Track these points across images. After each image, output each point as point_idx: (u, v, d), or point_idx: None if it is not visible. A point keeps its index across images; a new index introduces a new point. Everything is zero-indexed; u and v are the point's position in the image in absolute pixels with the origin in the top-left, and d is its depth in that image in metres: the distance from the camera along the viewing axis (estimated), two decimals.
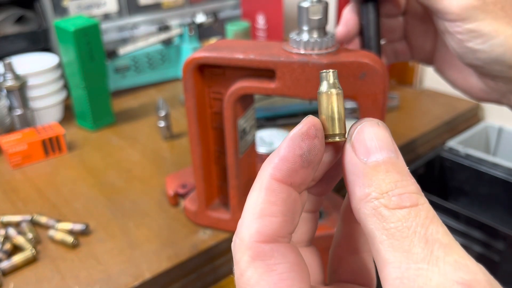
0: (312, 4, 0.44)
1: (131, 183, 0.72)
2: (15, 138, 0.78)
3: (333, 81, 0.21)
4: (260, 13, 1.21)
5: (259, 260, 0.19)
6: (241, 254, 0.19)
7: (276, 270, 0.18)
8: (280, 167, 0.20)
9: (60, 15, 1.01)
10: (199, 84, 0.53)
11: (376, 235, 0.18)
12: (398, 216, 0.17)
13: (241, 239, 0.19)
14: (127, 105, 1.00)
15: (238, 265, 0.19)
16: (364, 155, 0.19)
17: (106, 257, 0.57)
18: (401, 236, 0.17)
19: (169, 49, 1.09)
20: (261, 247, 0.19)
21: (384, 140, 0.19)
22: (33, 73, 0.85)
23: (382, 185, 0.18)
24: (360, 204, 0.18)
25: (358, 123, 0.20)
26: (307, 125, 0.20)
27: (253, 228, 0.19)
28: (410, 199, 0.18)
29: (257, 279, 0.18)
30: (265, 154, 0.75)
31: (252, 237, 0.19)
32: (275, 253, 0.19)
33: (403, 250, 0.17)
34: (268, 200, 0.19)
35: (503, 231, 0.70)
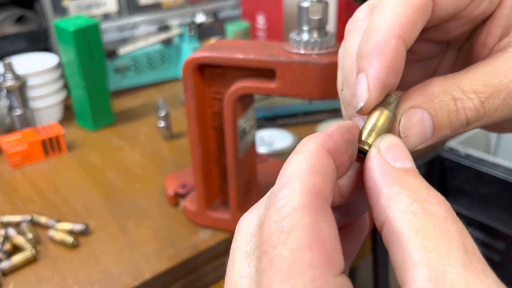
0: (312, 4, 0.44)
1: (131, 183, 0.72)
2: (15, 138, 0.78)
3: (394, 106, 0.22)
4: (260, 13, 1.21)
5: (310, 209, 0.17)
6: (289, 200, 0.17)
7: (324, 228, 0.16)
8: (329, 141, 0.19)
9: (60, 15, 1.01)
10: (199, 84, 0.53)
11: (405, 233, 0.16)
12: (435, 217, 0.16)
13: (290, 188, 0.17)
14: (127, 105, 1.00)
15: (279, 210, 0.17)
16: (393, 160, 0.19)
17: (106, 257, 0.57)
18: (437, 238, 0.16)
19: (169, 49, 1.09)
20: (315, 198, 0.17)
21: (407, 152, 0.20)
22: (33, 73, 0.85)
23: (414, 186, 0.17)
24: (389, 201, 0.17)
25: (382, 135, 0.20)
26: (352, 123, 0.20)
27: (308, 180, 0.17)
28: (445, 204, 0.17)
29: (302, 225, 0.16)
30: (265, 154, 0.75)
31: (307, 187, 0.17)
32: (326, 211, 0.17)
33: (439, 252, 0.15)
34: (320, 162, 0.18)
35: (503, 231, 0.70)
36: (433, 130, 0.22)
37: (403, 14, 0.21)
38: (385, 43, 0.21)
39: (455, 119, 0.22)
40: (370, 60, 0.21)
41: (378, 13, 0.22)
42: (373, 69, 0.21)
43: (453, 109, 0.22)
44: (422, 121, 0.22)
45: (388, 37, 0.21)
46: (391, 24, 0.21)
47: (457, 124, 0.22)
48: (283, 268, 0.16)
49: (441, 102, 0.22)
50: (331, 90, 0.46)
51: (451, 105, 0.22)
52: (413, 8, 0.21)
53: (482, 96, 0.22)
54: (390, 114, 0.22)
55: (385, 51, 0.21)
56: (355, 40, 0.24)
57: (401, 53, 0.21)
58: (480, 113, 0.22)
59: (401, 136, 0.22)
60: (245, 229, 0.20)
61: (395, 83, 0.21)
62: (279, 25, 1.18)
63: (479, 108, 0.22)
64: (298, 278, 0.15)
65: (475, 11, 0.23)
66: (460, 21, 0.24)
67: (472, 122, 0.22)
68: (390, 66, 0.21)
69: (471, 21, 0.24)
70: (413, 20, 0.21)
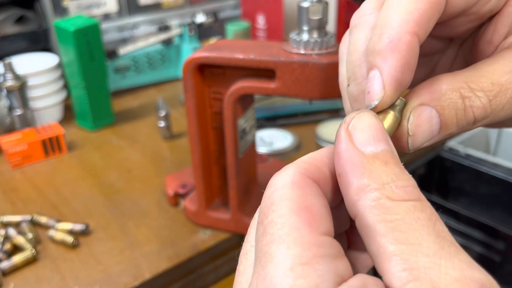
0: (312, 4, 0.44)
1: (131, 183, 0.72)
2: (15, 138, 0.78)
3: (399, 108, 0.22)
4: (260, 13, 1.21)
5: (299, 185, 0.19)
6: (281, 178, 0.19)
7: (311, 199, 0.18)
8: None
9: (60, 15, 1.01)
10: (199, 84, 0.53)
11: (377, 227, 0.17)
12: (403, 209, 0.17)
13: (285, 170, 0.19)
14: (127, 105, 1.00)
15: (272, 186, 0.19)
16: (362, 145, 0.18)
17: (106, 257, 0.57)
18: (408, 229, 0.16)
19: (169, 49, 1.09)
20: (305, 178, 0.19)
21: (381, 132, 0.19)
22: (33, 73, 0.85)
23: (383, 176, 0.17)
24: (359, 195, 0.18)
25: (355, 112, 0.19)
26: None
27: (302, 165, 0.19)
28: (413, 192, 0.17)
29: (290, 196, 0.18)
30: (265, 154, 0.75)
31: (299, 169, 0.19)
32: (314, 188, 0.19)
33: (410, 242, 0.16)
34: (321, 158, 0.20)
35: (503, 231, 0.70)
36: (439, 127, 0.22)
37: (417, 9, 0.20)
38: (400, 40, 0.20)
39: (462, 117, 0.22)
40: (384, 57, 0.20)
41: (390, 8, 0.21)
42: (388, 66, 0.20)
43: (461, 107, 0.22)
44: (430, 119, 0.22)
45: (402, 33, 0.20)
46: (405, 19, 0.20)
47: (464, 122, 0.22)
48: (274, 231, 0.17)
49: (449, 100, 0.22)
50: (331, 90, 0.46)
51: (459, 103, 0.22)
52: (428, 3, 0.21)
53: (489, 94, 0.22)
54: (396, 116, 0.22)
55: (400, 48, 0.20)
56: (362, 34, 0.24)
57: (416, 49, 0.20)
58: (487, 112, 0.22)
59: (409, 134, 0.22)
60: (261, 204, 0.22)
61: (409, 81, 0.21)
62: (279, 25, 1.18)
63: (486, 106, 0.22)
64: (286, 238, 0.17)
65: (483, 8, 0.23)
66: (468, 18, 0.24)
67: (479, 121, 0.22)
68: (405, 63, 0.20)
69: (479, 17, 0.24)
70: (428, 16, 0.21)
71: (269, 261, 0.17)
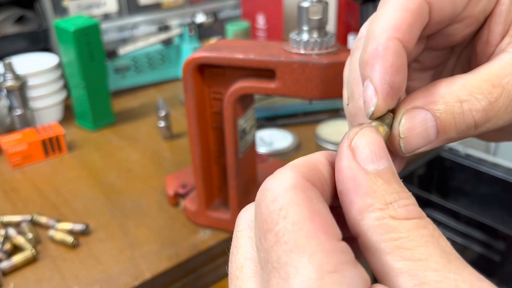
0: (312, 4, 0.44)
1: (131, 183, 0.72)
2: (15, 138, 0.78)
3: (388, 122, 0.21)
4: (260, 13, 1.21)
5: (301, 189, 0.17)
6: (279, 183, 0.18)
7: (317, 204, 0.17)
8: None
9: (60, 15, 1.01)
10: (199, 84, 0.53)
11: (381, 246, 0.17)
12: (407, 227, 0.17)
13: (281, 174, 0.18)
14: (127, 105, 1.00)
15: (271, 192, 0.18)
16: (365, 162, 0.18)
17: (106, 257, 0.57)
18: (413, 245, 0.16)
19: (169, 49, 1.09)
20: (305, 181, 0.18)
21: (382, 149, 0.19)
22: (33, 73, 0.85)
23: (385, 196, 0.18)
24: (362, 214, 0.18)
25: (357, 128, 0.19)
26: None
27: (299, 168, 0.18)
28: (415, 211, 0.17)
29: (296, 201, 0.17)
30: (265, 154, 0.75)
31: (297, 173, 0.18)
32: (315, 192, 0.18)
33: (417, 258, 0.16)
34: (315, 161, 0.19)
35: (503, 231, 0.70)
36: (437, 132, 0.21)
37: (397, 18, 0.21)
38: (383, 46, 0.21)
39: (461, 121, 0.21)
40: (371, 65, 0.21)
41: (373, 22, 0.22)
42: (376, 72, 0.21)
43: (459, 111, 0.21)
44: (425, 122, 0.21)
45: (385, 40, 0.21)
46: (386, 28, 0.21)
47: (463, 126, 0.21)
48: (290, 239, 0.16)
49: (446, 104, 0.21)
50: (331, 90, 0.46)
51: (457, 107, 0.21)
52: (408, 12, 0.21)
53: (490, 97, 0.21)
54: (385, 130, 0.21)
55: (384, 53, 0.21)
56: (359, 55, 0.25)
57: (401, 53, 0.21)
58: (489, 115, 0.21)
59: (400, 136, 0.22)
60: (245, 215, 0.20)
61: (401, 84, 0.21)
62: (279, 25, 1.18)
63: (487, 109, 0.21)
64: (306, 246, 0.16)
65: (475, 10, 0.23)
66: (463, 23, 0.24)
67: (481, 125, 0.22)
68: (392, 66, 0.20)
69: (474, 21, 0.24)
70: (409, 23, 0.21)
71: (292, 272, 0.16)
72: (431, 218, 0.18)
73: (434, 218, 0.78)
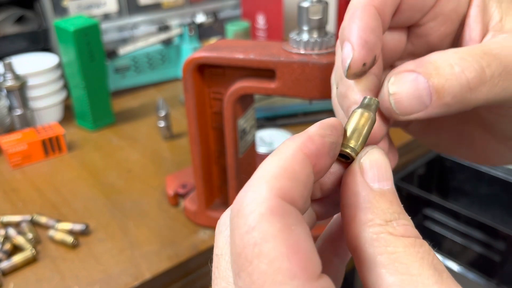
0: (312, 4, 0.44)
1: (131, 183, 0.72)
2: (15, 138, 0.78)
3: (373, 107, 0.22)
4: (260, 13, 1.21)
5: (278, 215, 0.16)
6: (255, 206, 0.16)
7: (295, 231, 0.16)
8: (310, 145, 0.18)
9: (60, 15, 1.01)
10: (199, 84, 0.53)
11: (378, 259, 0.17)
12: (404, 243, 0.17)
13: (255, 191, 0.16)
14: (127, 105, 1.00)
15: (247, 218, 0.16)
16: (372, 180, 0.19)
17: (106, 257, 0.57)
18: (408, 260, 0.17)
19: (169, 49, 1.09)
20: (283, 203, 0.16)
21: (389, 171, 0.19)
22: (33, 73, 0.85)
23: (387, 214, 0.18)
24: (362, 227, 0.18)
25: (367, 148, 0.20)
26: (336, 120, 0.20)
27: (275, 184, 0.17)
28: (412, 231, 0.18)
29: (273, 234, 0.15)
30: (265, 154, 0.75)
31: (273, 191, 0.16)
32: (293, 213, 0.16)
33: (411, 273, 0.17)
34: (293, 167, 0.17)
35: (503, 231, 0.70)
36: (430, 94, 0.21)
37: None
38: (359, 9, 0.22)
39: (454, 82, 0.21)
40: (349, 27, 0.22)
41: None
42: (353, 32, 0.22)
43: (451, 72, 0.21)
44: (416, 82, 0.21)
45: (361, 5, 0.23)
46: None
47: (457, 88, 0.21)
48: (265, 282, 0.15)
49: (436, 67, 0.21)
50: (331, 90, 0.46)
51: (448, 69, 0.21)
52: None
53: (482, 61, 0.21)
54: (371, 116, 0.21)
55: (359, 15, 0.22)
56: None
57: (376, 17, 0.22)
58: (483, 77, 0.21)
59: (390, 92, 0.22)
60: (225, 232, 0.20)
61: (376, 41, 0.22)
62: (279, 25, 1.18)
63: (480, 71, 0.21)
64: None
65: (446, 7, 0.24)
66: (436, 21, 0.25)
67: (475, 87, 0.21)
68: (366, 25, 0.22)
69: (447, 19, 0.25)
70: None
71: None
72: (431, 218, 0.18)
73: (434, 218, 0.78)
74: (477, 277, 0.67)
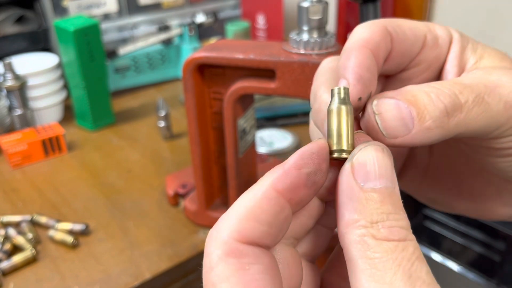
0: (312, 4, 0.44)
1: (131, 183, 0.72)
2: (15, 138, 0.78)
3: (344, 96, 0.21)
4: (260, 13, 1.21)
5: (232, 257, 0.18)
6: (215, 248, 0.18)
7: (249, 270, 0.18)
8: (284, 180, 0.19)
9: (60, 15, 1.01)
10: (199, 84, 0.53)
11: (358, 262, 0.17)
12: (384, 248, 0.17)
13: (218, 232, 0.19)
14: (127, 105, 1.00)
15: (209, 258, 0.18)
16: (362, 179, 0.19)
17: (106, 257, 0.57)
18: (384, 268, 0.17)
19: (169, 49, 1.09)
20: (237, 245, 0.18)
21: (385, 168, 0.19)
22: (33, 73, 0.85)
23: (374, 215, 0.18)
24: (347, 228, 0.18)
25: (363, 144, 0.20)
26: (318, 145, 0.20)
27: (234, 226, 0.18)
28: (399, 233, 0.18)
29: (228, 276, 0.18)
30: (265, 154, 0.75)
31: (231, 234, 0.18)
32: (250, 253, 0.18)
33: (384, 281, 0.17)
34: (260, 207, 0.19)
35: (503, 231, 0.70)
36: (412, 118, 0.21)
37: (367, 36, 0.24)
38: (352, 50, 0.23)
39: (432, 107, 0.21)
40: (344, 66, 0.23)
41: (346, 43, 0.25)
42: (348, 69, 0.22)
43: (428, 99, 0.22)
44: (398, 106, 0.22)
45: (354, 47, 0.23)
46: (357, 41, 0.24)
47: (437, 112, 0.21)
48: None
49: (413, 94, 0.22)
50: None
51: (425, 97, 0.22)
52: (374, 33, 0.24)
53: (455, 89, 0.22)
54: (348, 108, 0.21)
55: (355, 55, 0.23)
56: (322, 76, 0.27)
57: (371, 57, 0.23)
58: (457, 102, 0.22)
59: (376, 113, 0.22)
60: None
61: (371, 79, 0.22)
62: (279, 25, 1.18)
63: (453, 97, 0.22)
64: None
65: (431, 55, 0.26)
66: (419, 67, 0.26)
67: (452, 112, 0.22)
68: (361, 63, 0.22)
69: (429, 67, 0.26)
70: (375, 39, 0.24)
71: None
72: (431, 218, 0.18)
73: (434, 218, 0.78)
74: (477, 277, 0.67)
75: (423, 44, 0.26)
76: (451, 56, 0.26)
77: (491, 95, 0.22)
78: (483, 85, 0.22)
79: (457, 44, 0.26)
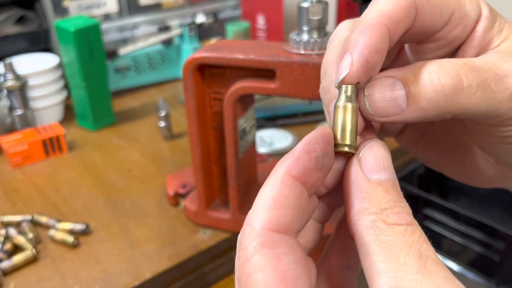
0: (312, 4, 0.44)
1: (131, 183, 0.73)
2: (16, 138, 0.78)
3: (350, 94, 0.22)
4: (260, 13, 1.21)
5: (267, 247, 0.19)
6: (250, 240, 0.19)
7: (283, 260, 0.19)
8: (296, 165, 0.20)
9: (61, 15, 1.01)
10: (199, 84, 0.53)
11: (371, 246, 0.19)
12: (396, 231, 0.19)
13: (251, 226, 0.19)
14: (127, 105, 1.00)
15: (245, 251, 0.19)
16: (369, 171, 0.21)
17: (106, 257, 0.58)
18: (397, 249, 0.18)
19: (169, 49, 1.09)
20: (271, 235, 0.19)
21: (388, 162, 0.21)
22: (33, 73, 0.85)
23: (382, 202, 0.20)
24: (358, 216, 0.20)
25: (367, 141, 0.22)
26: (322, 131, 0.21)
27: (265, 217, 0.19)
28: (406, 218, 0.19)
29: (263, 265, 0.18)
30: (265, 154, 0.75)
31: (264, 225, 0.19)
32: (284, 243, 0.19)
33: (398, 262, 0.18)
34: (283, 194, 0.20)
35: (503, 231, 0.70)
36: (406, 100, 0.22)
37: (390, 9, 0.23)
38: (370, 27, 0.22)
39: (429, 88, 0.22)
40: (355, 42, 0.22)
41: (366, 11, 0.24)
42: (357, 47, 0.22)
43: (427, 79, 0.22)
44: (392, 86, 0.22)
45: (372, 22, 0.22)
46: (379, 15, 0.22)
47: (433, 93, 0.22)
48: None
49: (415, 73, 0.22)
50: None
51: (425, 75, 0.22)
52: (400, 8, 0.23)
53: (461, 70, 0.22)
54: (353, 106, 0.22)
55: (369, 33, 0.22)
56: (335, 49, 0.26)
57: (384, 38, 0.22)
58: (459, 85, 0.22)
59: (365, 94, 0.22)
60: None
61: (376, 63, 0.22)
62: (279, 25, 1.18)
63: (455, 79, 0.22)
64: None
65: (451, 33, 0.25)
66: (437, 43, 0.25)
67: (451, 95, 0.22)
68: (372, 45, 0.22)
69: (447, 44, 0.25)
70: (398, 17, 0.22)
71: None
72: (431, 218, 0.19)
73: (434, 218, 0.78)
74: (477, 276, 0.67)
75: (447, 21, 0.24)
76: (474, 35, 0.25)
77: (498, 83, 0.22)
78: (493, 72, 0.22)
79: (483, 23, 0.25)
